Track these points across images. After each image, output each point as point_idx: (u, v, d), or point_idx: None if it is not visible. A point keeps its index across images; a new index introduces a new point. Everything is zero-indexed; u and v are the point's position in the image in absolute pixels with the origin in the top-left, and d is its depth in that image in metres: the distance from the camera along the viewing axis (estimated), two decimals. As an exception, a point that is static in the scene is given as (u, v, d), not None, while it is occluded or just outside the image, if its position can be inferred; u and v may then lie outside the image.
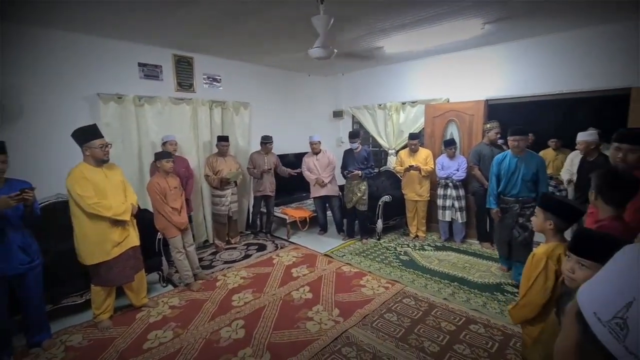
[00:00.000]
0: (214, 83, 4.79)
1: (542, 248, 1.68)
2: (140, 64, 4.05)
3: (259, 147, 4.84)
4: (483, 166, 4.08)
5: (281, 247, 4.57)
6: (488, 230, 4.34)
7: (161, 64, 4.23)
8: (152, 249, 3.41)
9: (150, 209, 3.38)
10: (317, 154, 4.76)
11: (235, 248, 4.56)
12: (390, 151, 5.65)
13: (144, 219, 3.25)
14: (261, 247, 4.58)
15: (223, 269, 3.88)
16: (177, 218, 3.29)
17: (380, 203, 4.66)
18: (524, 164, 3.17)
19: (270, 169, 4.76)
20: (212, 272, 3.79)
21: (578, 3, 3.01)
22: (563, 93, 3.96)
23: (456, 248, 4.37)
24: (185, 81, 4.47)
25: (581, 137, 3.31)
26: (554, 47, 3.96)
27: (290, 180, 5.10)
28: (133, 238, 2.88)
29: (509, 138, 3.22)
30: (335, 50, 3.05)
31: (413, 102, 5.24)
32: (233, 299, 3.19)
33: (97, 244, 2.62)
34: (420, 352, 2.39)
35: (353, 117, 6.26)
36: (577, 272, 1.18)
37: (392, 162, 5.52)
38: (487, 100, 4.51)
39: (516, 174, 3.20)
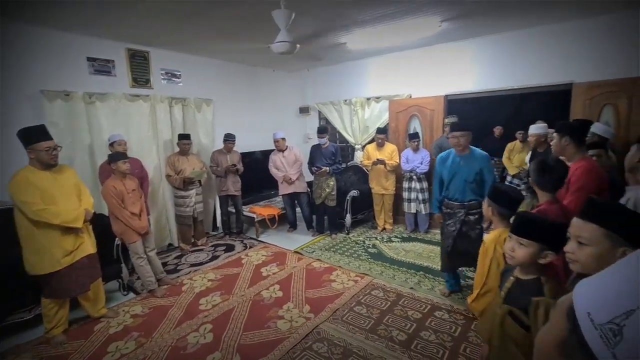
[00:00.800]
0: (173, 79, 4.58)
1: (491, 235, 1.80)
2: (89, 59, 3.77)
3: (220, 146, 4.72)
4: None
5: (250, 247, 4.50)
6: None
7: (113, 59, 3.96)
8: (111, 256, 3.22)
9: (108, 213, 3.18)
10: (282, 151, 4.72)
11: (202, 250, 4.42)
12: (356, 146, 5.73)
13: (102, 224, 3.06)
14: (229, 248, 4.48)
15: (189, 273, 3.75)
16: (137, 223, 3.12)
17: (348, 198, 4.72)
18: (466, 164, 2.78)
19: (235, 167, 4.64)
20: (178, 277, 3.65)
21: (524, 3, 3.20)
22: (514, 88, 4.22)
23: (421, 238, 4.53)
24: (141, 77, 4.22)
25: (532, 130, 3.54)
26: (506, 45, 4.19)
27: (257, 178, 5.02)
28: (88, 245, 2.69)
29: (449, 135, 2.86)
30: (298, 46, 3.02)
31: (377, 98, 5.33)
32: (200, 303, 3.09)
33: (47, 253, 2.42)
34: (388, 342, 2.46)
35: (319, 112, 6.27)
36: (517, 251, 1.27)
37: (358, 157, 5.60)
38: (446, 96, 4.69)
39: (458, 175, 2.80)
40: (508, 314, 1.27)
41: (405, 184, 4.60)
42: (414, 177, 4.51)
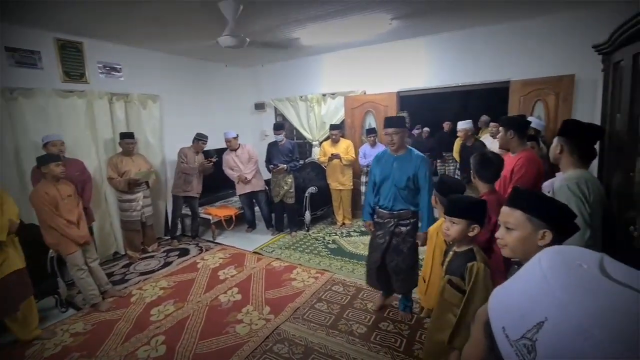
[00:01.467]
0: (113, 73, 4.20)
1: (433, 226, 1.91)
2: (8, 49, 3.32)
3: (174, 144, 4.46)
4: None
5: (206, 250, 4.30)
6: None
7: (39, 50, 3.53)
8: (44, 270, 2.89)
9: (38, 222, 2.84)
10: (235, 150, 4.57)
11: (152, 257, 4.14)
12: (314, 143, 5.72)
13: (32, 235, 2.74)
14: (183, 252, 4.25)
15: (139, 282, 3.50)
16: (75, 232, 2.83)
17: (307, 195, 4.70)
18: (399, 167, 2.40)
19: (211, 162, 4.48)
20: (126, 287, 3.38)
21: (466, 4, 3.37)
22: (460, 85, 4.46)
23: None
24: (74, 70, 3.82)
25: (460, 125, 3.79)
26: (453, 43, 4.39)
27: (212, 178, 4.80)
28: (15, 260, 2.40)
29: (383, 131, 2.45)
30: (248, 40, 2.91)
31: (333, 94, 5.35)
32: (152, 314, 2.89)
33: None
34: (349, 336, 2.49)
35: (276, 109, 6.15)
36: (451, 229, 1.50)
37: (316, 154, 5.60)
38: (398, 92, 4.83)
39: (389, 178, 2.43)
40: (447, 283, 1.48)
41: (363, 179, 4.68)
42: (371, 171, 4.60)
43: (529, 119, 3.41)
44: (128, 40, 4.08)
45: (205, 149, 4.57)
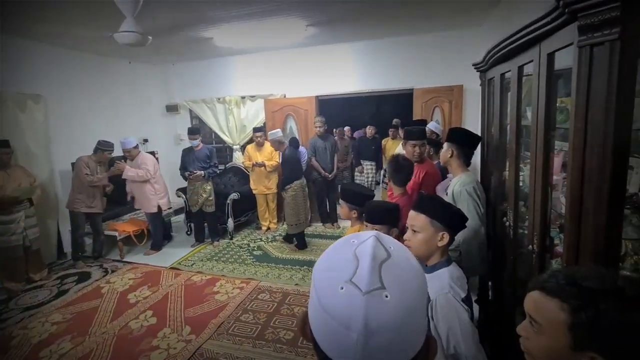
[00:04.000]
0: (-27, 66, 3.41)
1: (350, 231, 2.00)
2: None
3: (66, 152, 3.85)
4: (319, 157, 4.56)
5: (112, 271, 3.80)
6: (329, 212, 4.90)
7: None
8: None
9: None
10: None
11: (41, 286, 3.49)
12: (235, 147, 5.51)
13: None
14: (83, 277, 3.67)
15: (22, 319, 2.91)
16: None
17: (228, 201, 4.51)
18: None
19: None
20: (3, 329, 2.78)
21: (371, 17, 3.63)
22: (373, 91, 4.78)
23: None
24: None
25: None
26: (366, 51, 4.68)
27: (118, 190, 4.26)
28: None
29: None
30: (150, 38, 2.64)
31: (252, 97, 5.23)
32: (41, 357, 2.43)
33: None
34: (276, 344, 2.46)
35: (191, 111, 5.76)
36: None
37: (237, 158, 5.42)
38: (317, 97, 4.96)
39: None
40: None
41: (285, 183, 4.68)
42: (293, 175, 4.62)
43: (430, 123, 3.84)
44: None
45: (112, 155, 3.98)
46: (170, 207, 4.58)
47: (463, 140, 1.89)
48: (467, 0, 3.17)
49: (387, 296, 0.39)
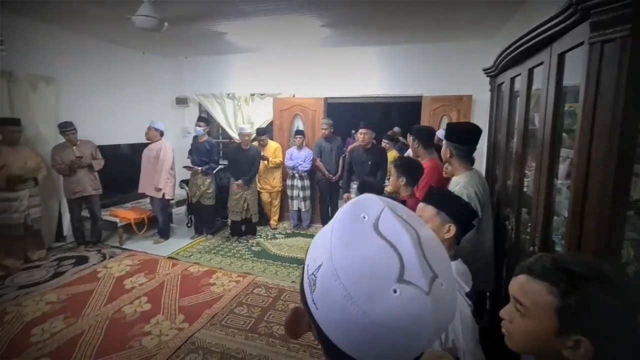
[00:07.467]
0: (-10, 45, 3.48)
1: None
2: None
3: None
4: (323, 158, 4.57)
5: (110, 257, 3.80)
6: (330, 214, 4.89)
7: None
8: None
9: None
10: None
11: (38, 266, 3.50)
12: (241, 143, 5.54)
13: None
14: (81, 260, 3.68)
15: (17, 297, 2.92)
16: None
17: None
18: None
19: (81, 158, 3.71)
20: (-2, 304, 2.79)
21: (381, 25, 3.66)
22: (380, 96, 4.80)
23: (304, 233, 4.71)
24: None
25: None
26: (376, 57, 4.71)
27: (122, 176, 4.30)
28: None
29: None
30: (166, 24, 2.68)
31: (262, 95, 5.27)
32: (33, 334, 2.43)
33: None
34: (269, 338, 2.44)
35: (200, 105, 5.81)
36: None
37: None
38: (326, 98, 4.99)
39: None
40: None
41: (289, 182, 4.69)
42: (297, 175, 4.63)
43: (439, 131, 3.84)
44: (14, 6, 3.39)
45: (116, 143, 4.00)
46: (173, 198, 4.60)
47: (461, 138, 1.80)
48: (485, 7, 3.18)
49: (442, 284, 0.34)
